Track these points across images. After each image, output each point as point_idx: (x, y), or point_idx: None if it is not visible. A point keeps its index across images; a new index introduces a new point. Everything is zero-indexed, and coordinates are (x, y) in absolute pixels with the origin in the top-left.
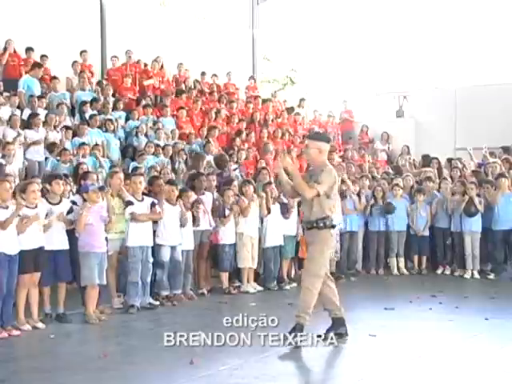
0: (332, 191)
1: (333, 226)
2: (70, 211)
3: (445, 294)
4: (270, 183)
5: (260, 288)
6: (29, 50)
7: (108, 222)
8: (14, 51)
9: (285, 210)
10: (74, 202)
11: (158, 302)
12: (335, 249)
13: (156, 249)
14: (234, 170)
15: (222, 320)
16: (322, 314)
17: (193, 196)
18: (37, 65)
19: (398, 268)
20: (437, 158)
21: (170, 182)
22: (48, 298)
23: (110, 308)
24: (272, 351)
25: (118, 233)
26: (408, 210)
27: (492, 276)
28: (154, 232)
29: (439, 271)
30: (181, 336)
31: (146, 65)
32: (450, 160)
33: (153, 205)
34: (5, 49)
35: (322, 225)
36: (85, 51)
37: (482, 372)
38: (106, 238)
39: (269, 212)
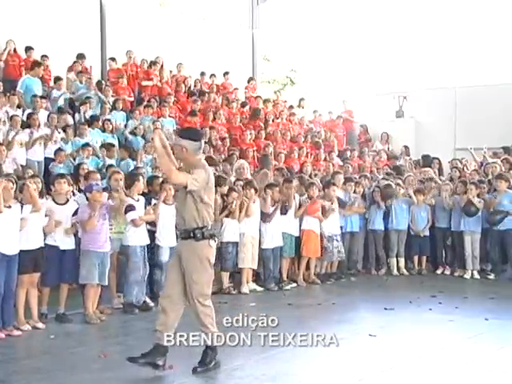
0: (206, 194)
1: (212, 236)
2: (74, 213)
3: (445, 294)
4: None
5: (260, 288)
6: (29, 49)
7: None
8: (15, 51)
9: (284, 210)
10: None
11: (152, 303)
12: (338, 248)
13: (155, 249)
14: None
15: (221, 320)
16: (323, 315)
17: None
18: (36, 64)
19: (398, 268)
20: (437, 158)
21: (166, 181)
22: (46, 298)
23: (109, 308)
24: (272, 351)
25: (118, 233)
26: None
27: (492, 276)
28: (153, 232)
29: (439, 271)
30: (181, 336)
31: (147, 63)
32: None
33: (148, 204)
34: (5, 49)
35: (199, 235)
36: (81, 54)
37: (482, 372)
38: (110, 238)
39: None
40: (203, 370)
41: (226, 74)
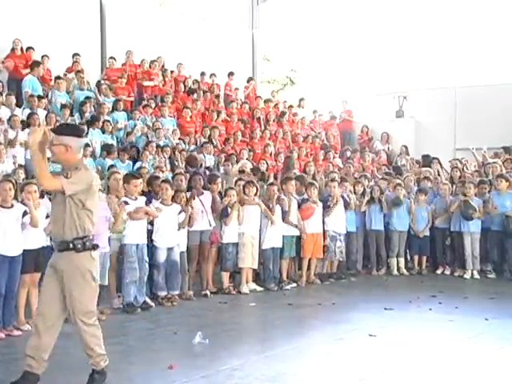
0: (88, 199)
1: (94, 247)
2: None
3: (445, 294)
4: (272, 184)
5: (260, 288)
6: (29, 49)
7: (113, 223)
8: (21, 50)
9: (285, 216)
10: None
11: (152, 304)
12: (340, 249)
13: (152, 250)
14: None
15: (221, 320)
16: (323, 315)
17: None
18: (36, 63)
19: (398, 268)
20: (437, 158)
21: (164, 181)
22: None
23: (109, 308)
24: (272, 351)
25: (117, 233)
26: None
27: (492, 275)
28: (151, 232)
29: (439, 271)
30: (180, 336)
31: (147, 63)
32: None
33: (147, 204)
34: (12, 49)
35: (80, 246)
36: (77, 54)
37: (482, 372)
38: (109, 239)
39: (272, 213)
40: None
41: (230, 74)
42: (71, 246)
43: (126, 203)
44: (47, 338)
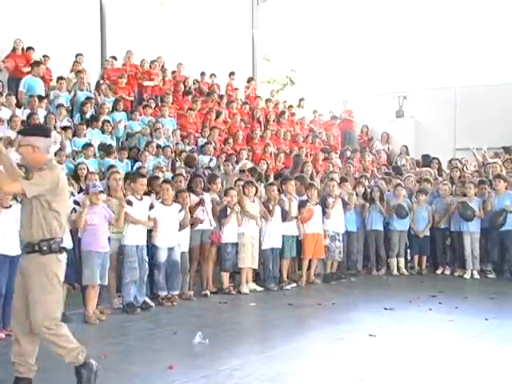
0: (55, 200)
1: (61, 250)
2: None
3: (445, 294)
4: (272, 184)
5: (260, 288)
6: (29, 49)
7: (115, 221)
8: (22, 50)
9: (285, 216)
10: (76, 203)
11: (152, 304)
12: (339, 249)
13: (153, 250)
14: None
15: (221, 320)
16: (323, 315)
17: (191, 197)
18: (35, 63)
19: (398, 268)
20: (437, 158)
21: (165, 182)
22: None
23: (109, 308)
24: (272, 351)
25: (117, 233)
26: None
27: (492, 275)
28: (152, 232)
29: (439, 271)
30: (180, 336)
31: (147, 63)
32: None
33: (151, 207)
34: (13, 49)
35: (46, 248)
36: (80, 54)
37: (482, 372)
38: (109, 239)
39: (271, 215)
40: None
41: (231, 74)
42: (37, 248)
43: (129, 202)
44: (27, 345)
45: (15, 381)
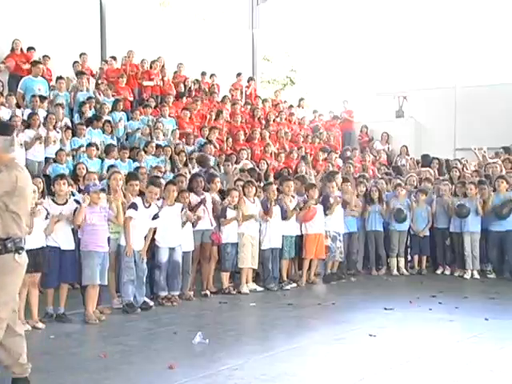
0: (12, 201)
1: (18, 250)
2: (74, 211)
3: (445, 294)
4: (270, 184)
5: (260, 288)
6: (30, 49)
7: (114, 217)
8: (21, 51)
9: (285, 215)
10: (77, 202)
11: (152, 303)
12: (340, 249)
13: (154, 250)
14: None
15: (221, 320)
16: (323, 315)
17: (192, 197)
18: (34, 63)
19: (398, 268)
20: (437, 158)
21: (169, 182)
22: (51, 299)
23: (109, 308)
24: (272, 351)
25: (116, 233)
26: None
27: (492, 275)
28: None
29: (439, 271)
30: (180, 336)
31: (147, 63)
32: (448, 161)
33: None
34: (12, 49)
35: (1, 248)
36: (84, 54)
37: (482, 372)
38: (109, 239)
39: (270, 216)
40: None
41: (238, 74)
42: None
43: (134, 205)
44: (10, 344)
45: (12, 382)
